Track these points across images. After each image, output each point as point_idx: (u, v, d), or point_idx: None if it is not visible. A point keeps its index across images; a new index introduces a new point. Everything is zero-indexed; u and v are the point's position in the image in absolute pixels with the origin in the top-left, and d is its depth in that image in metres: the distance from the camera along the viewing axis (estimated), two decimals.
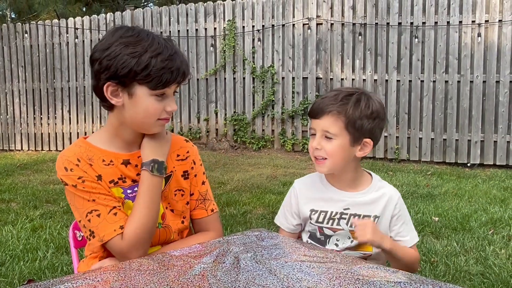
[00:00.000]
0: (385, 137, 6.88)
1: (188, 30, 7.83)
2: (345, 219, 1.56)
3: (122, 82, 1.37)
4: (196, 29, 7.79)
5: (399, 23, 6.75)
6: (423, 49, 6.67)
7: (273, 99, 7.46)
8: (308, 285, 1.11)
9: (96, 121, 8.32)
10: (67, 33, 8.40)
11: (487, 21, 6.36)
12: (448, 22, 6.53)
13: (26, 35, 8.60)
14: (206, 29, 7.76)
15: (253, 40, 7.55)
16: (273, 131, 7.56)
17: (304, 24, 7.26)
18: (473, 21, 6.42)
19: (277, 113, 7.47)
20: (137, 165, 1.47)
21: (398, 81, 6.81)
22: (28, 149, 8.77)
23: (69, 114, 8.49)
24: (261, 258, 1.28)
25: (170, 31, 7.86)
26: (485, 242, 3.42)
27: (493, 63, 6.38)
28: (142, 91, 1.37)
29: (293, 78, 7.37)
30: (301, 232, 1.67)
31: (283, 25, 7.35)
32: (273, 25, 7.41)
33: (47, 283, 1.13)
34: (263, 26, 7.46)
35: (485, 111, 6.46)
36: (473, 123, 6.51)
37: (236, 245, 1.39)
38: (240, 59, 7.61)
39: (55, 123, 8.57)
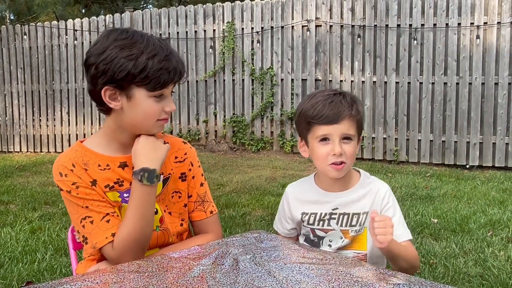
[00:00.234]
0: (384, 139, 6.88)
1: (187, 32, 7.83)
2: (334, 219, 1.57)
3: (120, 85, 1.36)
4: (195, 31, 7.79)
5: (398, 25, 6.76)
6: (422, 51, 6.68)
7: (272, 100, 7.47)
8: (307, 287, 1.11)
9: (95, 123, 8.31)
10: (66, 34, 8.40)
11: (485, 23, 6.37)
12: (447, 24, 6.54)
13: (25, 36, 8.60)
14: (205, 31, 7.76)
15: (252, 42, 7.55)
16: (272, 132, 7.56)
17: (303, 26, 7.27)
18: (471, 23, 6.43)
19: (276, 114, 7.47)
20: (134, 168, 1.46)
21: (397, 83, 6.82)
22: (27, 151, 8.76)
23: (68, 116, 8.48)
24: (260, 260, 1.28)
25: (169, 33, 7.87)
26: (484, 244, 3.42)
27: (491, 65, 6.39)
28: (141, 93, 1.37)
29: (292, 80, 7.37)
30: (298, 236, 1.69)
31: (282, 27, 7.36)
32: (272, 27, 7.42)
33: (45, 285, 1.13)
34: (262, 28, 7.47)
35: (484, 113, 6.46)
36: (472, 125, 6.52)
37: (235, 247, 1.39)
38: (239, 61, 7.62)
39: (54, 125, 8.57)
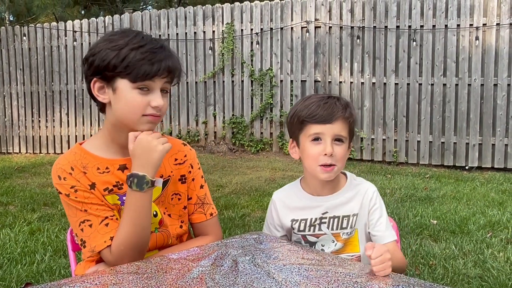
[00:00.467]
0: (384, 140, 6.89)
1: (186, 33, 7.83)
2: (325, 223, 1.56)
3: (104, 76, 1.37)
4: (195, 32, 7.79)
5: (397, 27, 6.77)
6: (421, 52, 6.68)
7: (271, 102, 7.47)
8: None
9: (95, 124, 8.31)
10: (65, 36, 8.40)
11: (484, 24, 6.38)
12: (446, 26, 6.54)
13: (25, 38, 8.60)
14: (204, 32, 7.76)
15: (251, 43, 7.56)
16: (271, 134, 7.56)
17: (302, 27, 7.27)
18: (471, 25, 6.44)
19: (275, 116, 7.47)
20: None
21: (396, 84, 6.83)
22: (26, 152, 8.75)
23: (68, 117, 8.48)
24: (259, 261, 1.28)
25: (169, 34, 7.87)
26: (483, 245, 3.42)
27: (491, 66, 6.39)
28: (124, 84, 1.36)
29: (291, 81, 7.37)
30: None
31: (281, 28, 7.37)
32: (271, 28, 7.42)
33: (44, 286, 1.13)
34: (261, 29, 7.47)
35: (483, 114, 6.47)
36: (471, 126, 6.52)
37: (234, 248, 1.39)
38: (239, 62, 7.62)
39: (53, 126, 8.56)
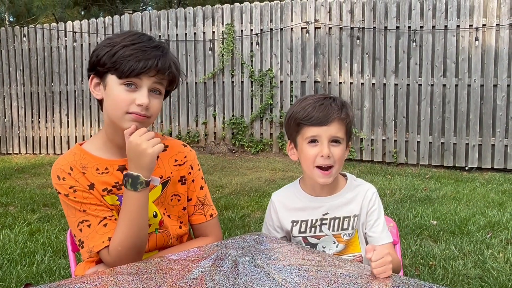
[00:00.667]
0: (383, 140, 6.89)
1: (186, 34, 7.83)
2: (326, 224, 1.56)
3: (98, 72, 1.39)
4: (195, 33, 7.79)
5: (397, 27, 6.77)
6: (421, 53, 6.68)
7: (271, 102, 7.47)
8: None
9: (94, 125, 8.31)
10: (65, 36, 8.40)
11: (484, 25, 6.39)
12: (446, 26, 6.55)
13: (25, 38, 8.60)
14: (204, 33, 7.76)
15: (251, 44, 7.56)
16: (271, 134, 7.56)
17: (302, 28, 7.27)
18: (470, 25, 6.44)
19: (275, 116, 7.47)
20: None
21: (396, 84, 6.83)
22: (26, 153, 8.74)
23: (67, 118, 8.47)
24: (259, 261, 1.28)
25: (169, 35, 7.87)
26: (483, 246, 3.42)
27: (490, 67, 6.40)
28: (112, 80, 1.36)
29: (291, 82, 7.37)
30: None
31: (281, 29, 7.37)
32: (271, 29, 7.42)
33: (44, 287, 1.13)
34: (261, 30, 7.47)
35: (483, 114, 6.47)
36: (471, 127, 6.52)
37: (234, 248, 1.39)
38: (239, 63, 7.62)
39: (53, 127, 8.56)
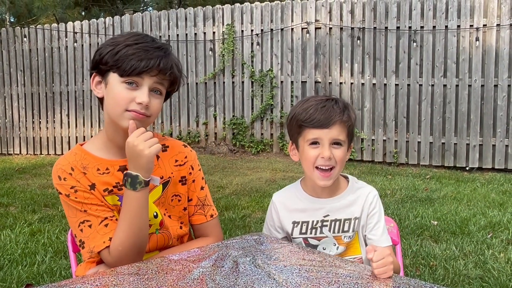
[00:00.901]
0: (384, 141, 6.88)
1: (187, 34, 7.83)
2: (326, 226, 1.56)
3: (100, 70, 1.39)
4: (195, 33, 7.80)
5: (398, 27, 6.77)
6: (421, 53, 6.68)
7: (272, 103, 7.47)
8: None
9: (95, 125, 8.31)
10: (66, 37, 8.41)
11: (485, 25, 6.38)
12: (446, 26, 6.55)
13: (25, 39, 8.61)
14: (205, 33, 7.76)
15: (252, 44, 7.56)
16: (272, 135, 7.56)
17: (302, 28, 7.27)
18: (471, 25, 6.44)
19: (276, 117, 7.47)
20: None
21: (396, 85, 6.83)
22: (27, 153, 8.75)
23: (68, 118, 8.48)
24: (260, 262, 1.28)
25: (169, 36, 7.87)
26: (484, 246, 3.42)
27: (491, 67, 6.39)
28: (114, 78, 1.37)
29: (292, 82, 7.37)
30: None
31: (282, 29, 7.37)
32: (272, 29, 7.42)
33: (45, 287, 1.13)
34: (262, 30, 7.47)
35: (483, 115, 6.47)
36: (472, 127, 6.52)
37: (235, 249, 1.39)
38: (239, 63, 7.62)
39: (54, 127, 8.56)
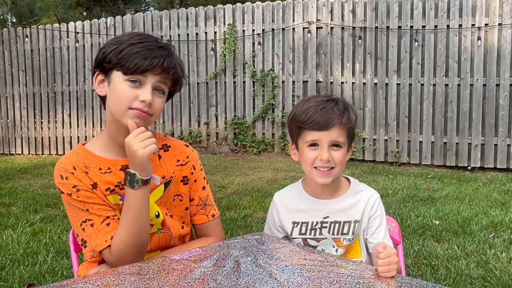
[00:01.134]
0: (386, 140, 6.88)
1: (188, 34, 7.84)
2: (326, 227, 1.56)
3: (103, 69, 1.40)
4: (197, 33, 7.80)
5: (399, 27, 6.76)
6: (423, 52, 6.68)
7: (273, 102, 7.47)
8: None
9: (97, 125, 8.32)
10: (67, 37, 8.42)
11: (486, 24, 6.37)
12: (448, 26, 6.54)
13: (27, 39, 8.62)
14: (206, 33, 7.77)
15: (253, 44, 7.56)
16: (273, 134, 7.56)
17: (304, 28, 7.27)
18: (473, 25, 6.43)
19: (277, 116, 7.47)
20: None
21: (398, 84, 6.82)
22: (29, 153, 8.76)
23: (70, 118, 8.49)
24: (261, 262, 1.28)
25: (171, 35, 7.88)
26: (486, 246, 3.41)
27: (493, 67, 6.38)
28: (117, 76, 1.37)
29: (293, 82, 7.37)
30: None
31: (283, 29, 7.37)
32: (273, 29, 7.42)
33: (47, 287, 1.13)
34: (263, 30, 7.47)
35: (485, 114, 6.46)
36: (474, 127, 6.51)
37: (236, 248, 1.39)
38: (240, 63, 7.62)
39: (56, 127, 8.58)
